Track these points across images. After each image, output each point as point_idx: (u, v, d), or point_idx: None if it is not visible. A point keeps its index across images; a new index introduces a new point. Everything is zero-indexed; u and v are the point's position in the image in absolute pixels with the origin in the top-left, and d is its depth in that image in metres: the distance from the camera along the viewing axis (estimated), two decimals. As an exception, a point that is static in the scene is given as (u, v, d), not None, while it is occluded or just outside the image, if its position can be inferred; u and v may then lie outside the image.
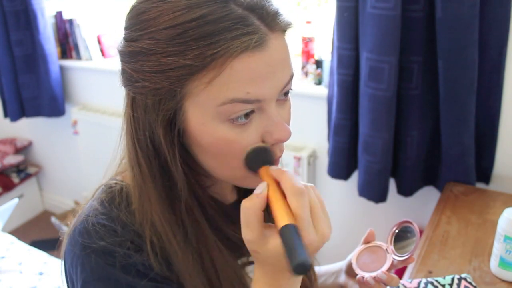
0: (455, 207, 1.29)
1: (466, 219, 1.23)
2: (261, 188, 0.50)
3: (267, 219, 0.49)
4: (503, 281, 0.99)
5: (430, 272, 1.03)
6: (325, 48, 1.76)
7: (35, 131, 2.77)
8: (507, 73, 1.35)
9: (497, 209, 1.25)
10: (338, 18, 1.44)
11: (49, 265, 1.72)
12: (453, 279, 0.96)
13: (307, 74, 1.79)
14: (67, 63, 2.37)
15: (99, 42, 2.33)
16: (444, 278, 0.97)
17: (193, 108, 0.51)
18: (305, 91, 1.73)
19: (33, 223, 2.81)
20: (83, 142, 2.43)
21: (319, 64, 1.75)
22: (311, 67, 1.76)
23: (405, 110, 1.43)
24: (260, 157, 0.53)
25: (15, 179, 2.67)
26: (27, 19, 2.21)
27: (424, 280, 0.97)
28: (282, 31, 0.52)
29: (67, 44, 2.36)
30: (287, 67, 0.53)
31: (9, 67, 2.29)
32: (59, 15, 2.32)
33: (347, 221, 1.87)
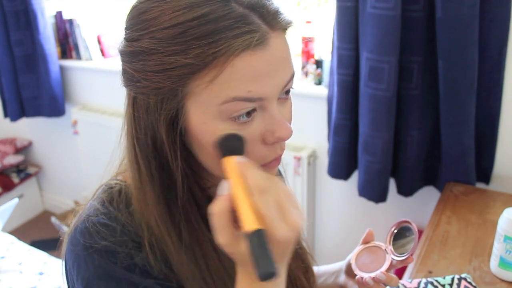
0: (455, 207, 1.29)
1: (466, 219, 1.23)
2: (224, 187, 0.48)
3: (237, 218, 0.47)
4: (503, 281, 0.99)
5: (430, 272, 1.03)
6: (325, 48, 1.76)
7: (35, 131, 2.77)
8: (507, 73, 1.35)
9: (497, 209, 1.25)
10: (338, 18, 1.44)
11: (49, 265, 1.72)
12: (453, 279, 0.96)
13: (307, 74, 1.79)
14: (67, 63, 2.37)
15: (99, 42, 2.33)
16: (444, 278, 0.97)
17: (195, 107, 0.50)
18: (305, 91, 1.73)
19: (33, 223, 2.81)
20: (83, 142, 2.43)
21: (319, 64, 1.75)
22: (311, 67, 1.76)
23: (405, 110, 1.43)
24: (227, 145, 0.51)
25: (15, 179, 2.67)
26: (27, 19, 2.21)
27: (424, 280, 0.97)
28: (283, 30, 0.52)
29: (67, 44, 2.36)
30: (288, 66, 0.52)
31: (9, 67, 2.29)
32: (59, 15, 2.32)
33: (347, 221, 1.87)
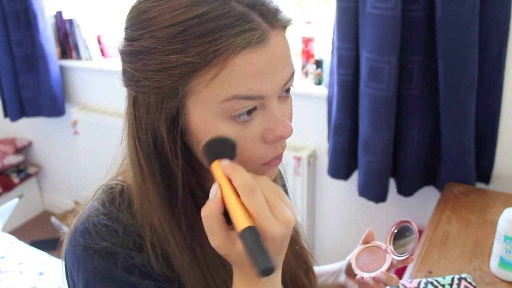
0: (455, 207, 1.29)
1: (466, 219, 1.23)
2: (214, 190, 0.49)
3: (229, 220, 0.48)
4: (503, 281, 0.99)
5: (430, 272, 1.03)
6: (325, 48, 1.76)
7: (35, 131, 2.77)
8: (507, 73, 1.35)
9: (497, 209, 1.25)
10: (338, 18, 1.44)
11: (49, 265, 1.72)
12: (453, 279, 0.96)
13: (307, 74, 1.79)
14: (67, 63, 2.37)
15: (99, 42, 2.33)
16: (444, 278, 0.97)
17: (196, 106, 0.50)
18: (305, 91, 1.73)
19: (33, 223, 2.81)
20: (83, 142, 2.43)
21: (319, 64, 1.75)
22: (311, 67, 1.76)
23: (405, 110, 1.43)
24: (216, 149, 0.50)
25: (15, 179, 2.67)
26: (27, 19, 2.21)
27: (424, 280, 0.97)
28: (282, 28, 0.52)
29: (67, 44, 2.36)
30: (288, 64, 0.53)
31: (9, 67, 2.29)
32: (59, 15, 2.32)
33: (347, 221, 1.87)
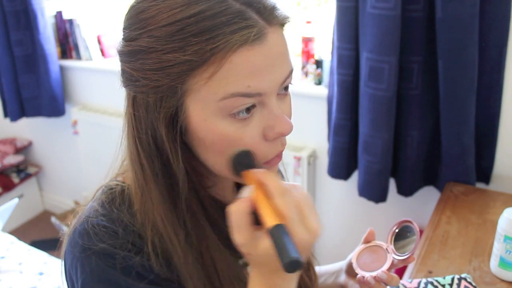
0: (455, 207, 1.29)
1: (466, 219, 1.23)
2: (245, 192, 0.50)
3: (255, 221, 0.48)
4: (503, 281, 0.99)
5: (430, 272, 1.03)
6: (325, 48, 1.76)
7: (35, 131, 2.77)
8: (507, 73, 1.35)
9: (497, 209, 1.25)
10: (338, 18, 1.44)
11: (49, 265, 1.72)
12: (453, 279, 0.96)
13: (307, 74, 1.79)
14: (67, 63, 2.37)
15: (99, 42, 2.33)
16: (444, 278, 0.97)
17: (194, 104, 0.51)
18: (305, 91, 1.73)
19: (33, 223, 2.81)
20: (83, 142, 2.43)
21: (319, 64, 1.75)
22: (311, 67, 1.76)
23: (405, 110, 1.43)
24: (242, 161, 0.52)
25: (15, 179, 2.67)
26: (27, 19, 2.21)
27: (424, 280, 0.97)
28: (280, 25, 0.52)
29: (67, 44, 2.36)
30: (286, 61, 0.53)
31: (9, 67, 2.29)
32: (59, 15, 2.32)
33: (347, 221, 1.87)
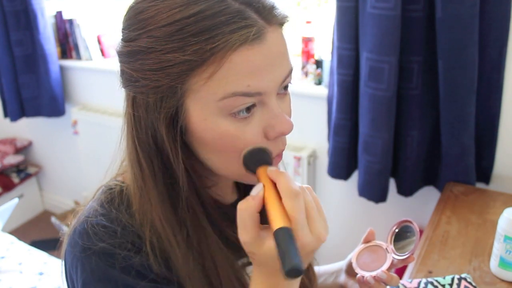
0: (455, 207, 1.29)
1: (466, 219, 1.23)
2: (257, 189, 0.49)
3: (263, 220, 0.49)
4: (503, 281, 0.99)
5: (430, 272, 1.03)
6: (325, 48, 1.76)
7: (35, 131, 2.77)
8: (507, 73, 1.35)
9: (497, 209, 1.25)
10: (338, 18, 1.44)
11: (49, 265, 1.72)
12: (453, 279, 0.96)
13: (307, 74, 1.79)
14: (67, 63, 2.37)
15: (99, 42, 2.33)
16: (444, 278, 0.97)
17: (194, 104, 0.51)
18: (305, 91, 1.73)
19: (33, 223, 2.81)
20: (83, 142, 2.43)
21: (319, 64, 1.75)
22: (311, 67, 1.76)
23: (405, 110, 1.43)
24: (257, 158, 0.52)
25: (15, 179, 2.67)
26: (27, 19, 2.21)
27: (424, 280, 0.97)
28: (279, 25, 0.53)
29: (67, 44, 2.36)
30: (285, 61, 0.53)
31: (9, 67, 2.29)
32: (59, 15, 2.32)
33: (347, 221, 1.87)
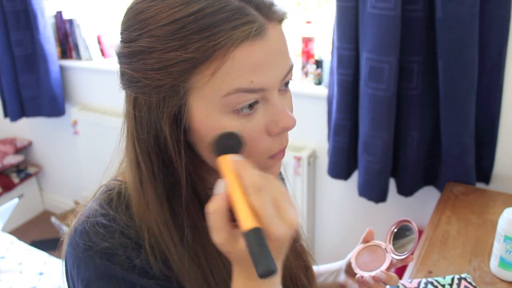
0: (455, 207, 1.29)
1: (466, 219, 1.23)
2: (220, 187, 0.48)
3: (233, 215, 0.47)
4: (503, 281, 0.99)
5: (430, 272, 1.03)
6: (325, 48, 1.76)
7: (35, 131, 2.77)
8: (507, 72, 1.35)
9: (497, 209, 1.25)
10: (338, 18, 1.44)
11: (49, 265, 1.72)
12: (453, 279, 0.96)
13: (307, 74, 1.79)
14: (67, 63, 2.37)
15: (99, 42, 2.33)
16: (444, 278, 0.97)
17: (197, 102, 0.51)
18: (305, 91, 1.72)
19: (33, 223, 2.81)
20: (83, 142, 2.43)
21: (319, 64, 1.75)
22: (311, 67, 1.76)
23: (405, 110, 1.43)
24: (224, 144, 0.50)
25: (15, 179, 2.67)
26: (27, 19, 2.21)
27: (424, 280, 0.97)
28: (278, 21, 0.53)
29: (67, 44, 2.36)
30: (286, 57, 0.53)
31: (9, 67, 2.29)
32: (59, 15, 2.32)
33: (347, 221, 1.87)
